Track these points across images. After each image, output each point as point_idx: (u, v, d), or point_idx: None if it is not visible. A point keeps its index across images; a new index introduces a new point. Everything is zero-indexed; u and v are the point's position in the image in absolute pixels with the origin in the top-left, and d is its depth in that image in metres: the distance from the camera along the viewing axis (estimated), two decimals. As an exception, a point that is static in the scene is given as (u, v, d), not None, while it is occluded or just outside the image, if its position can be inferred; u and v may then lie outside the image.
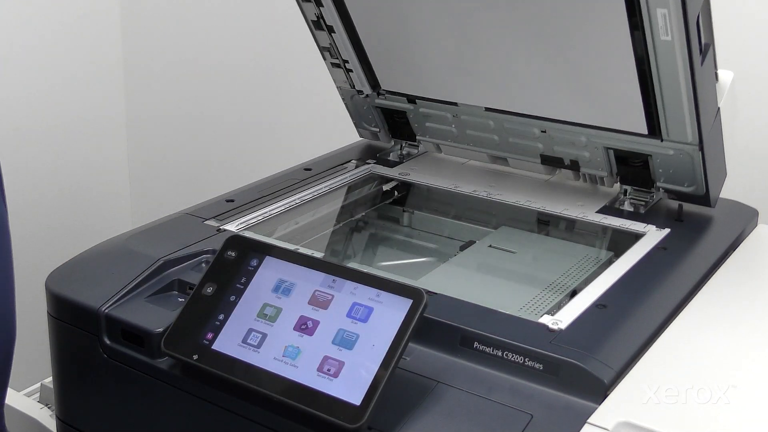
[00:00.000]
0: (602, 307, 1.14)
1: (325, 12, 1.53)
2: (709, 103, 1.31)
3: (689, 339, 1.11)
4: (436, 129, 1.64)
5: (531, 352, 1.04)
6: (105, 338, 1.21)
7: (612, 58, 1.30)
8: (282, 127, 2.42)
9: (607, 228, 1.44)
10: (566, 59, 1.35)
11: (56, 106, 2.54)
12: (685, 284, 1.23)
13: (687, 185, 1.41)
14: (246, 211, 1.44)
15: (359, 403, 0.98)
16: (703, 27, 1.23)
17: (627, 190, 1.49)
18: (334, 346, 1.04)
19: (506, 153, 1.58)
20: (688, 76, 1.24)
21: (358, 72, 1.62)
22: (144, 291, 1.24)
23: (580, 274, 1.35)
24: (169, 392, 1.15)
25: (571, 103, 1.41)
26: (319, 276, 1.10)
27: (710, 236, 1.39)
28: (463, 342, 1.08)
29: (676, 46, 1.21)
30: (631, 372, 1.03)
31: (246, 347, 1.08)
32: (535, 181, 1.58)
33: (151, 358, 1.16)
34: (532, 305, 1.26)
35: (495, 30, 1.38)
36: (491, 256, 1.44)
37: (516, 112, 1.49)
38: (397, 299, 1.04)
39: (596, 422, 0.95)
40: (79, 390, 1.30)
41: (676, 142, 1.35)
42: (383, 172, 1.64)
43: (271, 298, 1.11)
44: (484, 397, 1.01)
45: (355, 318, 1.05)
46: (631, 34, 1.24)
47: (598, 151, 1.46)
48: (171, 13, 2.56)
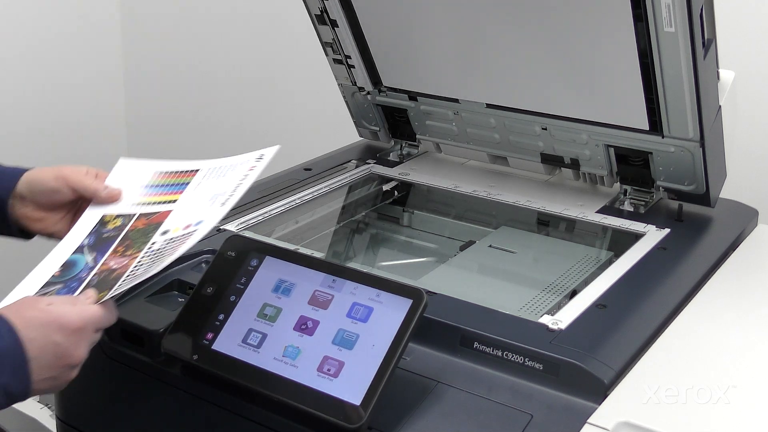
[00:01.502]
0: (602, 307, 1.14)
1: (329, 6, 1.53)
2: (711, 98, 1.31)
3: (689, 339, 1.11)
4: (437, 127, 1.64)
5: (531, 352, 1.04)
6: (105, 338, 1.21)
7: (614, 53, 1.30)
8: (282, 127, 2.42)
9: (607, 228, 1.44)
10: (568, 54, 1.35)
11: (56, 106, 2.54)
12: (685, 284, 1.23)
13: (687, 183, 1.41)
14: (246, 211, 1.44)
15: (359, 403, 0.98)
16: (706, 22, 1.23)
17: (627, 190, 1.49)
18: (334, 346, 1.04)
19: (506, 151, 1.58)
20: (690, 69, 1.24)
21: (360, 68, 1.62)
22: (144, 291, 1.23)
23: (580, 274, 1.35)
24: (169, 392, 1.15)
25: (572, 98, 1.41)
26: (319, 276, 1.10)
27: (710, 236, 1.39)
28: (463, 342, 1.08)
29: (680, 38, 1.21)
30: (631, 372, 1.03)
31: (246, 347, 1.08)
32: (535, 181, 1.58)
33: (151, 358, 1.16)
34: (532, 305, 1.26)
35: (497, 26, 1.38)
36: (491, 257, 1.44)
37: (517, 108, 1.49)
38: (397, 299, 1.04)
39: (596, 422, 0.95)
40: (79, 390, 1.30)
41: (677, 138, 1.35)
42: (383, 172, 1.64)
43: (271, 298, 1.11)
44: (484, 397, 1.01)
45: (355, 318, 1.05)
46: (634, 26, 1.24)
47: (599, 148, 1.46)
48: (171, 13, 2.56)
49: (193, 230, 1.07)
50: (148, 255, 1.06)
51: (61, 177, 1.14)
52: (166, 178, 1.17)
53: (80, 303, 0.96)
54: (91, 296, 0.98)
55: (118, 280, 1.03)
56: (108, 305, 0.98)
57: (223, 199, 1.09)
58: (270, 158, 1.14)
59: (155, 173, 1.19)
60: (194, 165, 1.18)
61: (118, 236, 1.10)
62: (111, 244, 1.09)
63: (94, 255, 1.08)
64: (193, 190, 1.15)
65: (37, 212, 1.15)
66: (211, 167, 1.17)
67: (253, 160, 1.15)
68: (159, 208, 1.13)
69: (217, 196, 1.11)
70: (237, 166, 1.15)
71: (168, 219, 1.11)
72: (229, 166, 1.16)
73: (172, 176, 1.17)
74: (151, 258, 1.05)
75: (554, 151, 1.52)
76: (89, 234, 1.12)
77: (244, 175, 1.12)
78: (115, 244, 1.09)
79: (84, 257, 1.08)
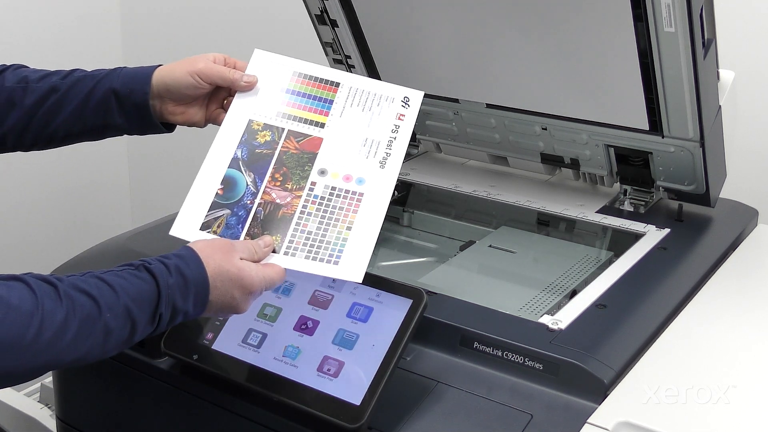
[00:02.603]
0: (602, 307, 1.14)
1: (329, 6, 1.53)
2: (711, 98, 1.31)
3: (689, 339, 1.11)
4: (437, 127, 1.64)
5: (531, 352, 1.04)
6: (105, 338, 1.21)
7: (615, 53, 1.30)
8: (282, 126, 2.42)
9: (607, 228, 1.44)
10: (568, 54, 1.35)
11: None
12: (685, 284, 1.23)
13: (687, 183, 1.41)
14: (246, 211, 1.44)
15: (359, 403, 0.98)
16: (706, 22, 1.23)
17: (627, 190, 1.49)
18: (334, 346, 1.04)
19: (506, 151, 1.58)
20: (690, 69, 1.24)
21: (360, 68, 1.62)
22: (144, 291, 1.23)
23: (580, 274, 1.35)
24: (169, 392, 1.15)
25: (572, 98, 1.41)
26: (319, 276, 1.10)
27: (710, 236, 1.39)
28: (463, 342, 1.08)
29: (680, 38, 1.21)
30: (631, 372, 1.03)
31: (246, 347, 1.08)
32: (535, 181, 1.58)
33: (151, 358, 1.16)
34: (532, 305, 1.26)
35: (497, 26, 1.38)
36: (491, 256, 1.44)
37: (517, 108, 1.48)
38: (397, 299, 1.04)
39: (596, 422, 0.95)
40: (79, 390, 1.30)
41: (677, 138, 1.35)
42: (383, 171, 1.64)
43: (271, 298, 1.11)
44: (484, 397, 1.01)
45: (355, 318, 1.05)
46: (634, 26, 1.24)
47: (599, 149, 1.46)
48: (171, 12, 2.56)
49: (357, 192, 1.08)
50: (313, 203, 1.07)
51: (196, 72, 1.17)
52: (306, 86, 1.17)
53: (263, 263, 1.02)
54: (269, 244, 1.04)
55: (288, 226, 1.06)
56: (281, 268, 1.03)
57: (381, 156, 1.11)
58: (417, 107, 1.16)
59: (294, 74, 1.19)
60: (334, 75, 1.18)
61: (272, 156, 1.11)
62: (266, 165, 1.10)
63: (252, 177, 1.10)
64: (339, 117, 1.15)
65: (178, 107, 1.20)
66: (352, 86, 1.17)
67: (398, 101, 1.15)
68: (307, 130, 1.14)
69: (371, 144, 1.12)
70: (381, 101, 1.15)
71: (321, 151, 1.12)
72: (372, 95, 1.16)
73: (312, 84, 1.17)
74: (318, 210, 1.07)
75: (554, 151, 1.52)
76: (240, 143, 1.13)
77: (393, 124, 1.14)
78: (270, 167, 1.10)
79: (243, 176, 1.10)
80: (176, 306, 0.94)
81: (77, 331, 0.86)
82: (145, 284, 0.93)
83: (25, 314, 0.84)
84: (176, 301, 0.93)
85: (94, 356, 0.89)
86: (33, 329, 0.84)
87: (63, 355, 0.86)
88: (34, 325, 0.84)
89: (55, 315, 0.85)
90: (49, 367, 0.88)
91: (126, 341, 0.92)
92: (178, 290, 0.94)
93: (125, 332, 0.91)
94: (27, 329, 0.83)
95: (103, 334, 0.89)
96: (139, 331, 0.92)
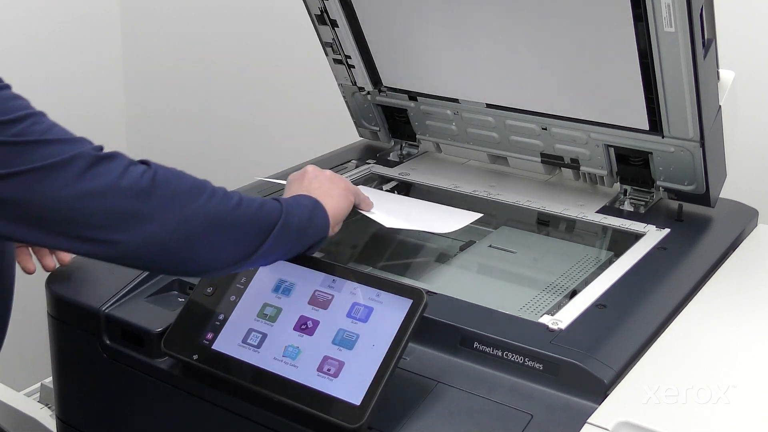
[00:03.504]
0: (602, 307, 1.14)
1: (329, 6, 1.53)
2: (711, 98, 1.31)
3: (689, 339, 1.11)
4: (437, 127, 1.64)
5: (531, 352, 1.04)
6: (105, 338, 1.21)
7: (614, 53, 1.30)
8: (282, 126, 2.42)
9: (607, 228, 1.44)
10: (568, 54, 1.35)
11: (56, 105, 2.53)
12: (685, 284, 1.23)
13: (687, 183, 1.41)
14: (246, 211, 1.44)
15: (359, 403, 0.98)
16: (706, 22, 1.23)
17: (627, 190, 1.49)
18: (334, 346, 1.04)
19: (506, 151, 1.58)
20: (690, 69, 1.24)
21: (360, 68, 1.62)
22: (144, 291, 1.24)
23: (580, 274, 1.35)
24: (169, 392, 1.15)
25: (572, 98, 1.41)
26: (319, 276, 1.10)
27: (710, 236, 1.39)
28: (463, 342, 1.08)
29: (680, 38, 1.21)
30: (631, 372, 1.03)
31: (246, 347, 1.08)
32: (535, 181, 1.58)
33: (151, 358, 1.16)
34: (532, 305, 1.26)
35: (497, 26, 1.38)
36: (491, 256, 1.44)
37: (517, 108, 1.49)
38: (397, 299, 1.04)
39: (596, 422, 0.95)
40: (79, 390, 1.30)
41: (677, 138, 1.35)
42: (383, 172, 1.64)
43: (271, 298, 1.11)
44: (484, 397, 1.01)
45: (355, 318, 1.05)
46: (634, 26, 1.24)
47: (599, 149, 1.46)
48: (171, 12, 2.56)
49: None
50: None
51: None
52: None
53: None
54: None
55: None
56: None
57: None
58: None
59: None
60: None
61: None
62: None
63: None
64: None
65: None
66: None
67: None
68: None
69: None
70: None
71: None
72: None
73: None
74: None
75: (554, 151, 1.52)
76: None
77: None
78: None
79: None
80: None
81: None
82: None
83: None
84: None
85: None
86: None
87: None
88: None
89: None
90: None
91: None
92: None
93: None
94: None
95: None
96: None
